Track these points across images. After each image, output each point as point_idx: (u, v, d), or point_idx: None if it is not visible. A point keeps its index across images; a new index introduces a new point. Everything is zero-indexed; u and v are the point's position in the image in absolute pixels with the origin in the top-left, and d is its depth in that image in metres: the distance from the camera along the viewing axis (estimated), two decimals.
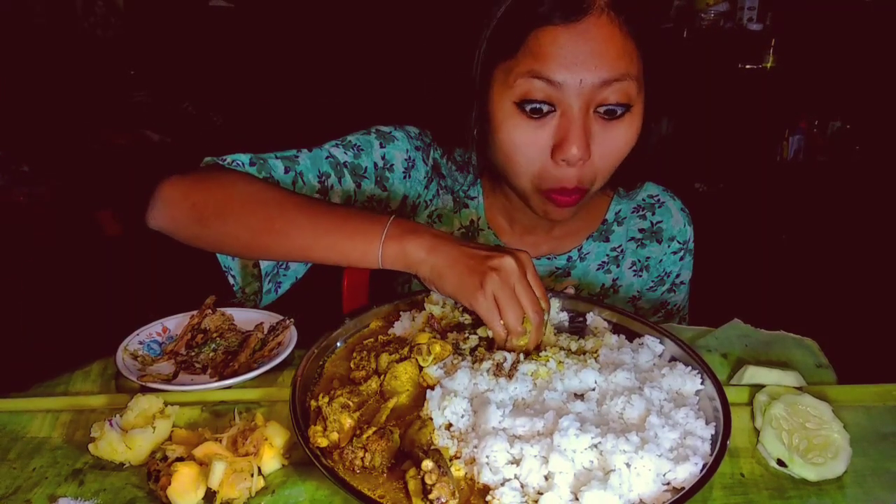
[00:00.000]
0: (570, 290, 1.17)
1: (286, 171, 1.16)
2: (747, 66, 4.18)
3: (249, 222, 1.04)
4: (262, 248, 1.06)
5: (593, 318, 1.11)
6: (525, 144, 1.08)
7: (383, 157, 1.26)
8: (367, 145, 1.26)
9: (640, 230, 1.39)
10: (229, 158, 1.13)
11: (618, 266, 1.38)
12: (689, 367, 0.95)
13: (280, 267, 1.17)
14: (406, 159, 1.29)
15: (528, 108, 1.06)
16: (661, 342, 1.02)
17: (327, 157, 1.21)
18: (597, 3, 1.02)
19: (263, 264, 1.12)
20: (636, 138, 1.11)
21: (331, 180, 1.20)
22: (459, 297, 0.95)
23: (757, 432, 0.92)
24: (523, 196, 1.18)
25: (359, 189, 1.24)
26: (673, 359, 1.00)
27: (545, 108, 1.05)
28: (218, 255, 1.16)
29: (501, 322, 0.93)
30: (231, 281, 1.18)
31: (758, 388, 0.98)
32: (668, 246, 1.39)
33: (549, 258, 1.35)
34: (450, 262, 0.95)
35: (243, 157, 1.14)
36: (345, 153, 1.23)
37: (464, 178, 1.35)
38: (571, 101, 1.04)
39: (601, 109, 1.06)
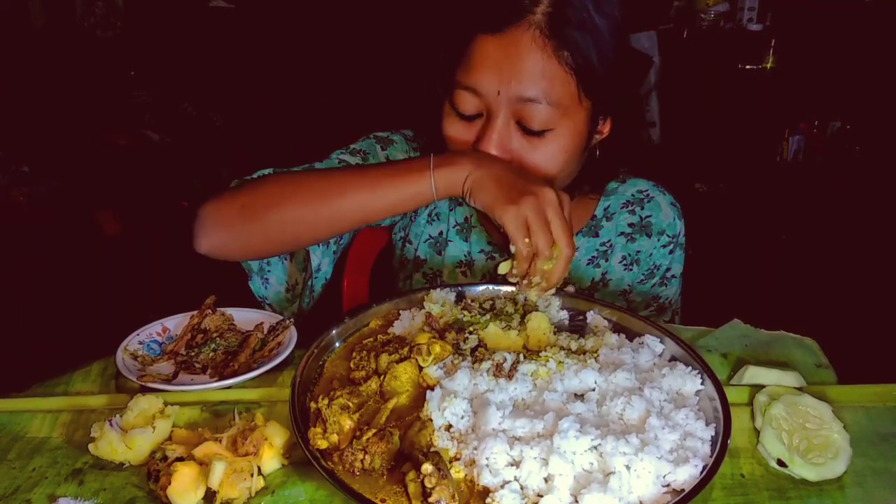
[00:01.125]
0: (571, 289, 1.17)
1: None
2: (747, 67, 4.18)
3: (305, 200, 1.10)
4: (325, 221, 1.11)
5: (593, 317, 1.11)
6: (454, 139, 1.16)
7: (387, 159, 1.31)
8: (371, 149, 1.31)
9: (630, 225, 1.41)
10: (255, 175, 1.18)
11: (607, 260, 1.40)
12: (689, 367, 0.95)
13: (315, 270, 1.20)
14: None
15: (458, 113, 1.14)
16: (661, 342, 1.02)
17: (339, 163, 1.26)
18: (527, 18, 1.06)
19: (314, 261, 1.17)
20: (564, 154, 1.14)
21: None
22: (492, 209, 1.00)
23: (757, 432, 0.92)
24: None
25: None
26: (673, 358, 1.00)
27: (474, 113, 1.12)
28: (252, 287, 1.21)
29: (527, 240, 0.97)
30: (268, 311, 1.21)
31: (758, 388, 0.98)
32: (658, 240, 1.41)
33: None
34: (493, 176, 1.02)
35: (266, 171, 1.19)
36: (352, 158, 1.28)
37: None
38: (493, 109, 1.10)
39: (521, 125, 1.10)
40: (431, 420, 0.86)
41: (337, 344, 1.05)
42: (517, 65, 1.06)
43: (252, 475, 0.82)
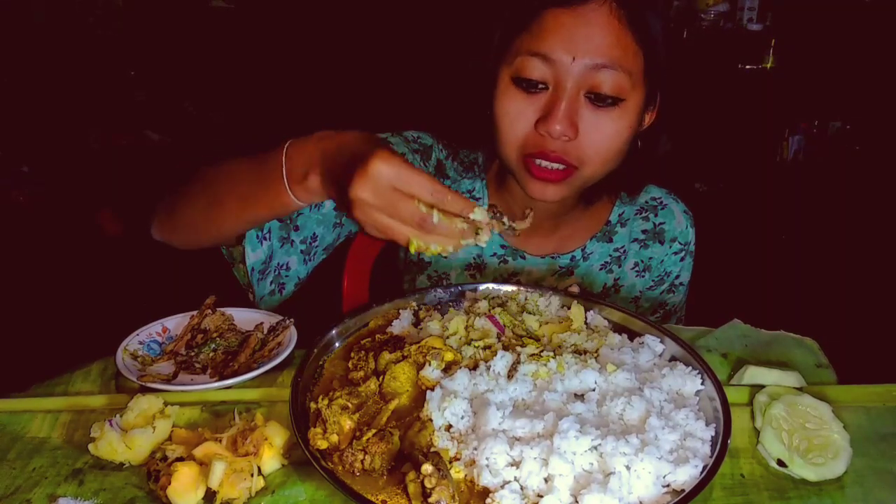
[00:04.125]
0: (575, 289, 1.17)
1: None
2: (747, 67, 4.18)
3: (197, 207, 1.10)
4: (217, 236, 1.12)
5: (594, 317, 1.11)
6: (514, 114, 1.14)
7: None
8: None
9: (643, 231, 1.42)
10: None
11: (619, 266, 1.40)
12: (690, 368, 0.95)
13: (281, 268, 1.19)
14: None
15: (523, 83, 1.12)
16: (661, 342, 1.02)
17: None
18: None
19: (249, 261, 1.15)
20: (628, 132, 1.15)
21: None
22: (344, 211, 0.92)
23: (757, 432, 0.92)
24: (511, 169, 1.21)
25: None
26: (673, 358, 1.00)
27: (539, 85, 1.11)
28: (223, 252, 1.20)
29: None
30: (236, 274, 1.22)
31: (758, 388, 0.98)
32: (670, 247, 1.41)
33: (553, 257, 1.37)
34: (335, 197, 0.92)
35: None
36: None
37: (469, 177, 1.39)
38: (563, 79, 1.09)
39: (592, 95, 1.10)
40: (431, 420, 0.86)
41: (337, 344, 1.05)
42: (593, 33, 1.07)
43: (252, 475, 0.81)
